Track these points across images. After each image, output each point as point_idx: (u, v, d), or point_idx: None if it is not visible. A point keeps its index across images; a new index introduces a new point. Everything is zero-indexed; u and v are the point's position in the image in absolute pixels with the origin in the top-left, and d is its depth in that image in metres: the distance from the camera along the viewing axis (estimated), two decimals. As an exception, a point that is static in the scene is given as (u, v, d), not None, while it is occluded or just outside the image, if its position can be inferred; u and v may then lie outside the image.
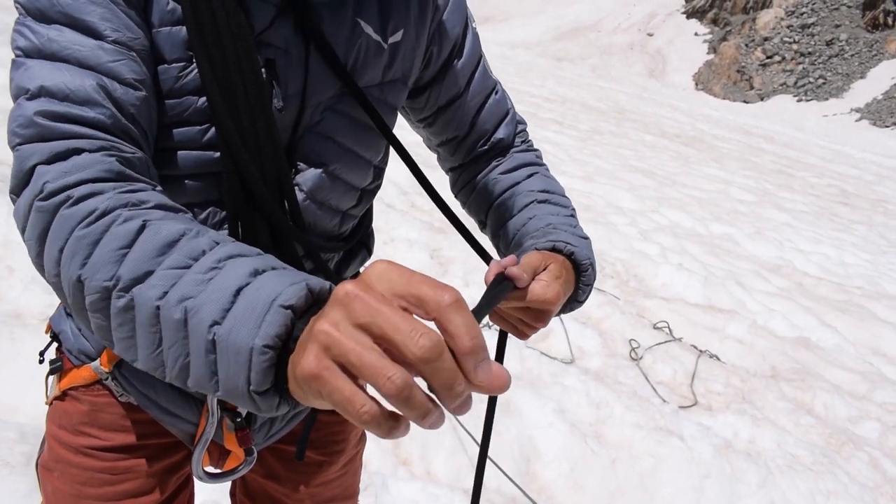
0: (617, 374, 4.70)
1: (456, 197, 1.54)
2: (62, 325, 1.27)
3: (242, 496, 1.57)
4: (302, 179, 1.15)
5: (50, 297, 3.54)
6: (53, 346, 1.34)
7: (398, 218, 6.50)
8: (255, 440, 1.27)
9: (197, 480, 1.30)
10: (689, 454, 3.81)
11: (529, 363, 4.46)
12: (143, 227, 0.78)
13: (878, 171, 22.65)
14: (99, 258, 0.77)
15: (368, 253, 1.41)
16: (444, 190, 1.40)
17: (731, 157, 18.22)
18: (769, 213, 11.73)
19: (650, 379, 4.80)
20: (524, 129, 1.51)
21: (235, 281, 0.72)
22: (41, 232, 0.82)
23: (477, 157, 1.47)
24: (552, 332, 5.06)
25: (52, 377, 1.33)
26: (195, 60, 1.01)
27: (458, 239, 6.19)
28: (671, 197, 11.02)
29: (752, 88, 49.70)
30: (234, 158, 1.02)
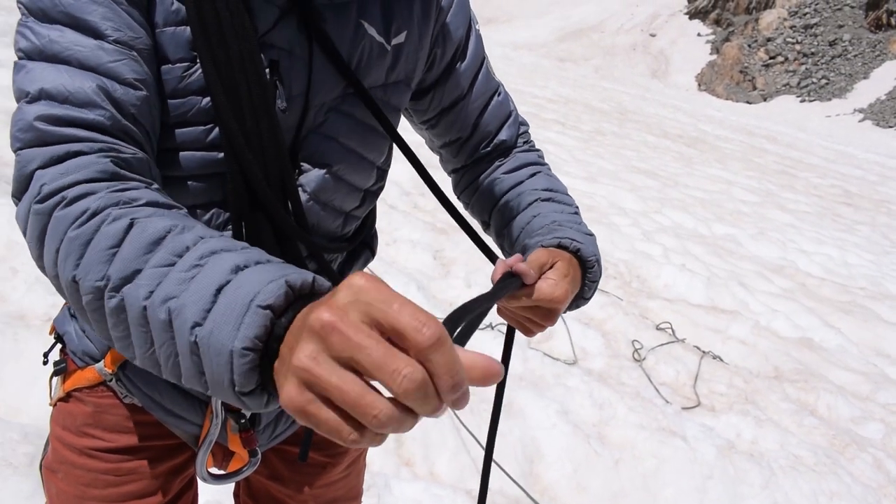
0: (620, 375, 4.69)
1: (458, 198, 1.54)
2: (66, 326, 1.28)
3: (246, 497, 1.57)
4: (305, 180, 1.15)
5: (53, 297, 3.54)
6: (57, 347, 1.34)
7: (401, 219, 6.50)
8: (259, 441, 1.27)
9: (201, 482, 1.30)
10: (692, 455, 3.81)
11: (532, 364, 4.46)
12: (130, 225, 0.78)
13: (881, 171, 22.63)
14: (90, 259, 0.78)
15: (372, 254, 1.41)
16: (448, 190, 1.41)
17: (733, 157, 18.21)
18: (772, 213, 11.71)
19: (653, 380, 4.80)
20: (526, 130, 1.52)
21: (216, 279, 0.71)
22: (39, 234, 0.83)
23: (479, 158, 1.47)
24: (555, 333, 5.06)
25: (55, 379, 1.33)
26: (199, 61, 1.01)
27: (460, 240, 6.20)
28: (674, 198, 11.01)
29: (754, 89, 49.66)
30: (237, 159, 1.02)
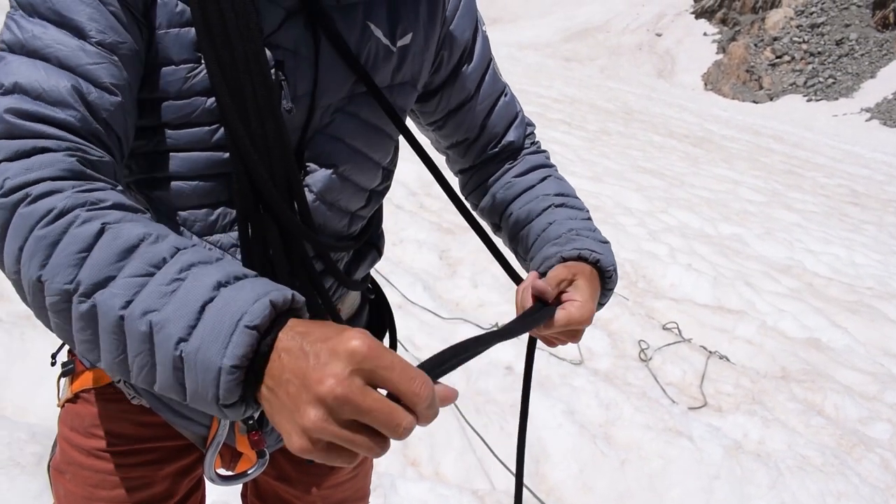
0: (626, 375, 4.69)
1: (466, 198, 1.55)
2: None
3: (254, 498, 1.57)
4: (311, 181, 1.15)
5: (60, 298, 3.55)
6: (65, 348, 1.34)
7: (407, 219, 6.50)
8: (267, 442, 1.27)
9: (209, 483, 1.30)
10: (698, 455, 3.80)
11: (538, 364, 4.45)
12: (101, 230, 0.79)
13: (888, 170, 22.55)
14: (58, 261, 0.78)
15: (378, 254, 1.41)
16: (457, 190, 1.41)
17: (740, 157, 18.16)
18: (779, 213, 11.68)
19: (659, 380, 4.79)
20: (533, 130, 1.52)
21: (200, 295, 0.74)
22: (1, 228, 0.82)
23: (487, 159, 1.47)
24: (561, 333, 5.04)
25: (64, 379, 1.33)
26: (204, 61, 1.01)
27: (466, 240, 6.20)
28: (680, 197, 10.99)
29: (761, 88, 49.52)
30: (243, 159, 1.02)
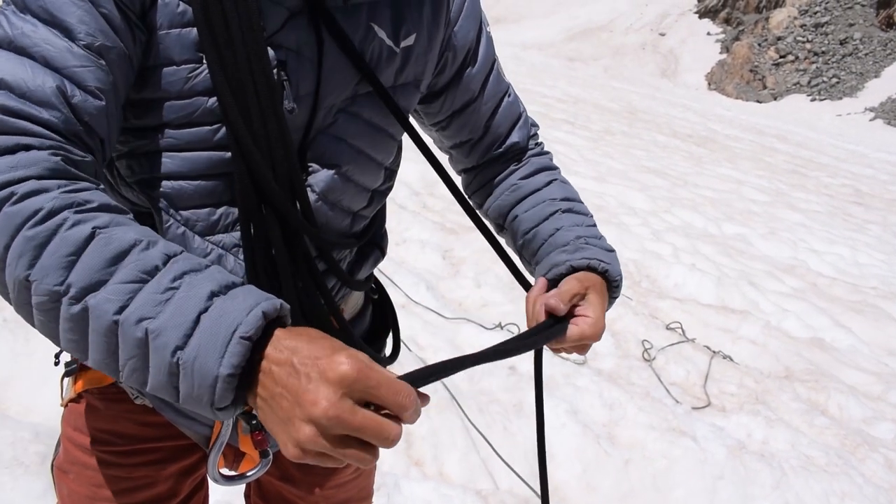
0: (630, 374, 4.68)
1: (470, 198, 1.55)
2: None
3: (257, 498, 1.57)
4: (314, 180, 1.15)
5: (64, 298, 3.55)
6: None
7: (410, 219, 6.50)
8: (270, 442, 1.27)
9: (212, 482, 1.31)
10: (702, 455, 3.80)
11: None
12: (92, 234, 0.80)
13: (892, 170, 22.48)
14: (48, 262, 0.79)
15: (382, 253, 1.41)
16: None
17: (743, 156, 18.13)
18: (783, 213, 11.66)
19: (663, 380, 4.79)
20: (536, 131, 1.52)
21: (195, 305, 0.78)
22: None
23: (492, 159, 1.47)
24: (564, 332, 5.04)
25: (67, 379, 1.33)
26: (206, 62, 1.01)
27: (469, 240, 6.19)
28: (683, 197, 10.97)
29: (765, 88, 49.43)
30: (245, 159, 1.03)
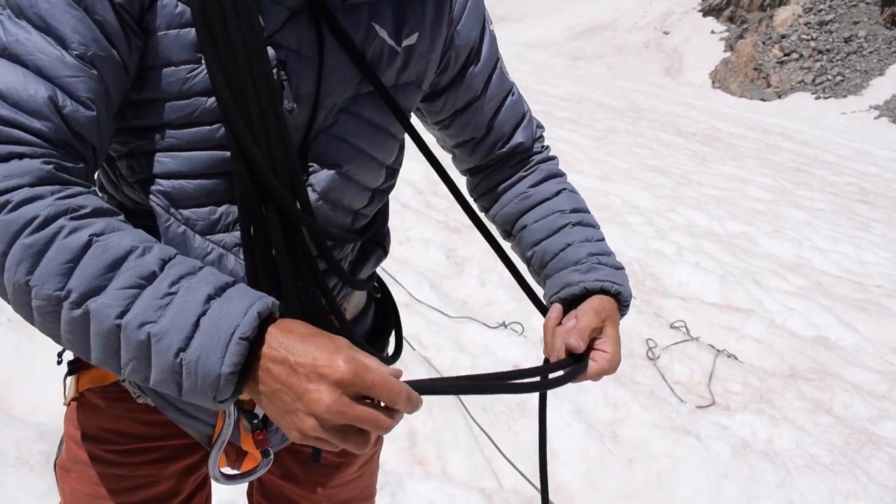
0: (634, 373, 4.68)
1: (476, 201, 1.55)
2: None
3: (259, 497, 1.57)
4: (315, 180, 1.15)
5: (68, 297, 3.56)
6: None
7: (414, 218, 6.50)
8: (271, 442, 1.27)
9: (214, 482, 1.30)
10: (706, 454, 3.79)
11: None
12: (89, 242, 0.84)
13: (897, 168, 22.43)
14: (47, 269, 0.82)
15: (384, 252, 1.41)
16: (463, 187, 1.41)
17: (748, 155, 18.09)
18: (787, 211, 11.63)
19: (667, 379, 4.78)
20: (542, 133, 1.51)
21: (194, 309, 0.84)
22: None
23: (498, 160, 1.47)
24: (568, 331, 5.03)
25: (69, 378, 1.33)
26: (205, 62, 1.01)
27: (473, 239, 6.19)
28: (688, 196, 10.96)
29: (769, 86, 49.29)
30: (245, 158, 1.02)
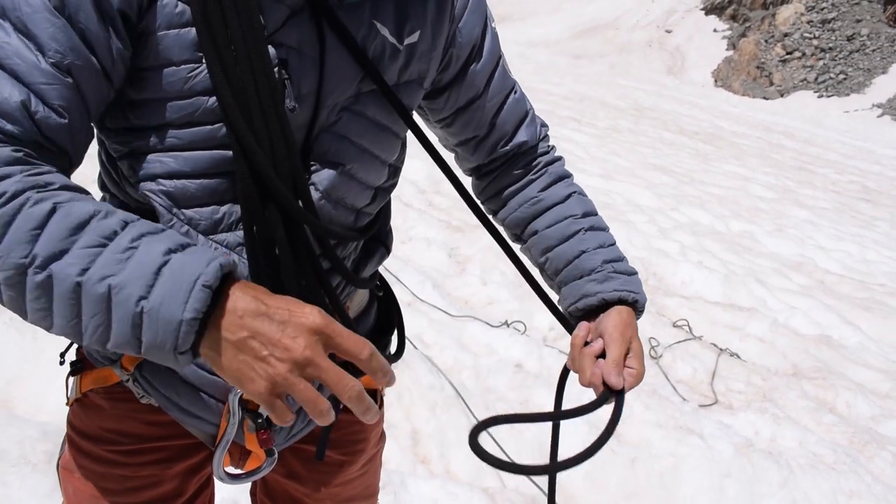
0: (636, 372, 4.66)
1: (483, 203, 1.54)
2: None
3: (263, 496, 1.57)
4: (317, 178, 1.15)
5: (71, 297, 3.56)
6: (74, 347, 1.34)
7: (416, 217, 6.50)
8: (275, 441, 1.27)
9: (218, 481, 1.30)
10: (709, 453, 3.78)
11: (548, 361, 4.45)
12: (53, 209, 0.86)
13: (900, 167, 22.39)
14: (13, 238, 0.84)
15: (387, 251, 1.41)
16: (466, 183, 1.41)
17: (750, 153, 18.08)
18: (790, 210, 11.62)
19: (670, 377, 4.78)
20: (547, 133, 1.51)
21: (154, 260, 0.85)
22: None
23: (504, 161, 1.46)
24: (571, 330, 5.03)
25: (72, 378, 1.33)
26: (205, 62, 1.01)
27: (475, 238, 6.19)
28: (690, 194, 10.95)
29: (771, 85, 49.23)
30: (247, 158, 1.02)
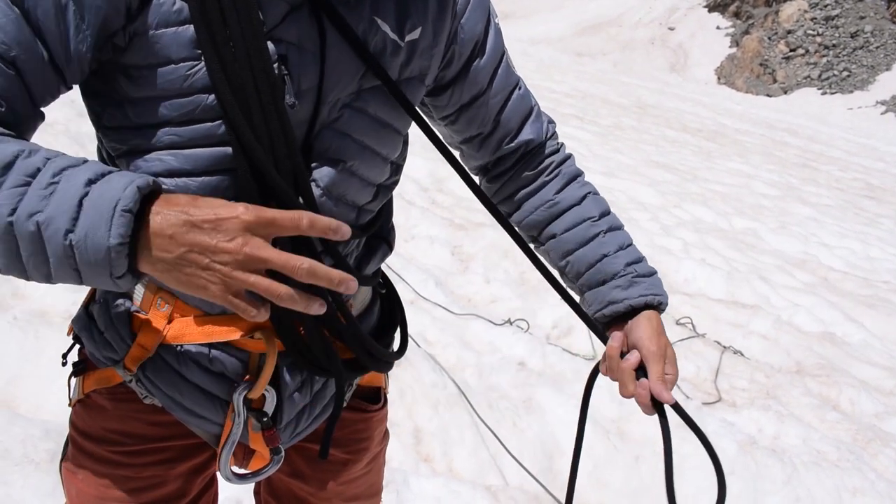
0: (640, 370, 4.66)
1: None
2: (85, 327, 1.28)
3: (267, 495, 1.56)
4: (318, 175, 1.15)
5: (74, 295, 3.57)
6: (76, 348, 1.34)
7: (419, 215, 6.49)
8: (281, 439, 1.27)
9: (223, 481, 1.30)
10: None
11: (552, 359, 4.45)
12: None
13: (904, 164, 22.36)
14: None
15: (389, 248, 1.41)
16: (463, 190, 1.41)
17: (754, 151, 18.06)
18: (793, 207, 11.61)
19: (673, 375, 4.76)
20: (555, 130, 1.50)
21: (75, 192, 0.87)
22: None
23: (512, 161, 1.46)
24: (574, 328, 5.04)
25: (75, 379, 1.33)
26: (204, 59, 1.01)
27: (478, 236, 6.19)
28: (693, 192, 10.94)
29: (775, 82, 49.18)
30: (247, 155, 1.02)
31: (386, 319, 1.50)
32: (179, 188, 1.07)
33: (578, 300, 1.47)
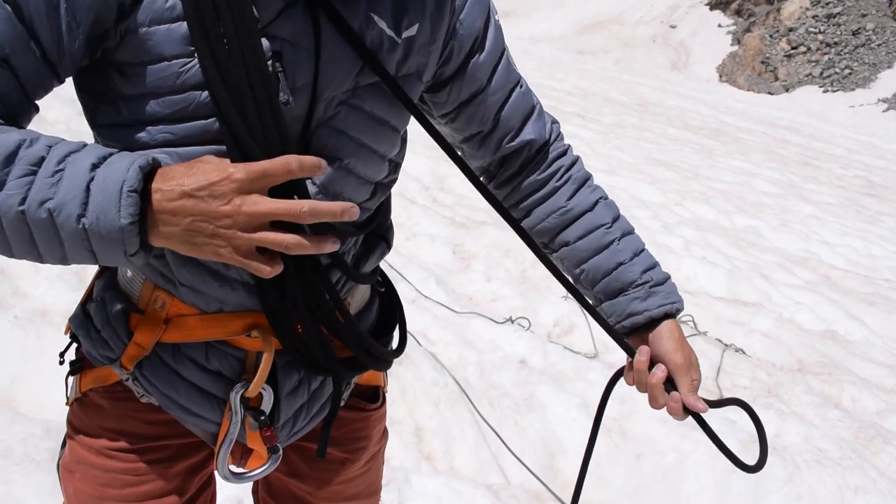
0: (641, 368, 4.66)
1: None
2: (82, 326, 1.27)
3: (265, 494, 1.56)
4: None
5: (75, 294, 3.57)
6: (73, 346, 1.34)
7: (420, 213, 6.49)
8: (279, 438, 1.27)
9: (221, 480, 1.30)
10: (714, 449, 3.75)
11: (553, 358, 4.44)
12: None
13: (905, 161, 22.32)
14: None
15: (388, 246, 1.40)
16: (466, 187, 1.40)
17: (755, 149, 18.04)
18: (795, 205, 11.59)
19: (675, 373, 4.76)
20: (560, 130, 1.49)
21: (82, 178, 0.90)
22: None
23: (517, 165, 1.44)
24: (576, 326, 5.03)
25: (72, 378, 1.33)
26: (197, 56, 1.00)
27: (479, 234, 6.19)
28: (695, 190, 10.93)
29: (776, 80, 49.10)
30: (242, 152, 1.02)
31: (385, 318, 1.50)
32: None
33: (592, 303, 1.47)
